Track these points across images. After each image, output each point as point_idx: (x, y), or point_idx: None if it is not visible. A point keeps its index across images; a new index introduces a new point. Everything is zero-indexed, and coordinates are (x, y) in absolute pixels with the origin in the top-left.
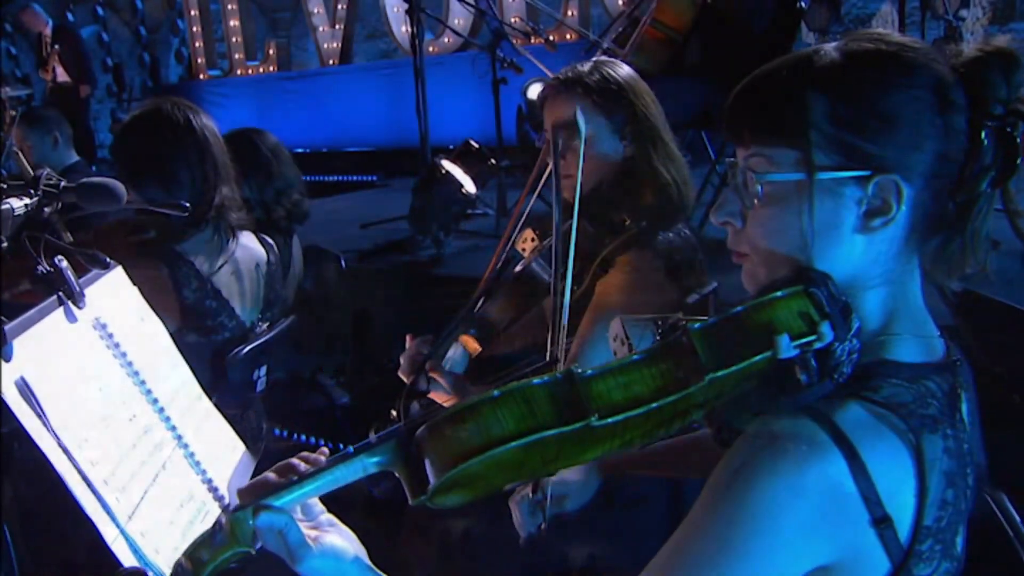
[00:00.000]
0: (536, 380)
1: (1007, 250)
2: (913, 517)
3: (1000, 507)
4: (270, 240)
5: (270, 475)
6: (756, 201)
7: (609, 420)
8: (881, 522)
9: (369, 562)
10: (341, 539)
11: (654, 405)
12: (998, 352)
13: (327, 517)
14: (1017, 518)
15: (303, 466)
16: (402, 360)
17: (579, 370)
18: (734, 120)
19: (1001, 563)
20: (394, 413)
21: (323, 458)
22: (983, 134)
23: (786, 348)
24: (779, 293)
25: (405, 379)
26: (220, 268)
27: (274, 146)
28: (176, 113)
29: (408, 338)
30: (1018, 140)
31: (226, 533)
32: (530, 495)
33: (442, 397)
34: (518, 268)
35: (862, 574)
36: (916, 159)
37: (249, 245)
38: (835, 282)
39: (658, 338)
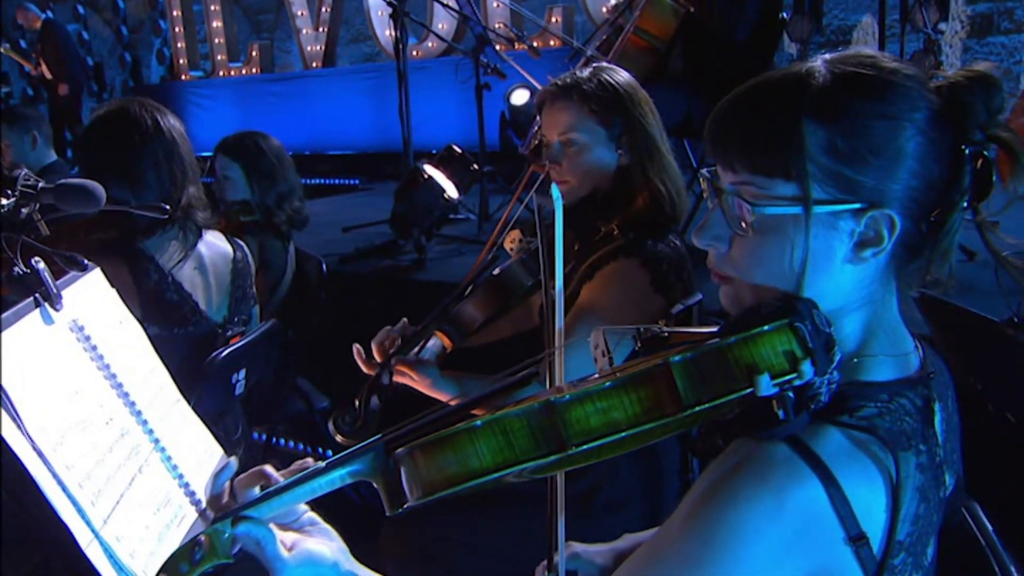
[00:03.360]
0: (515, 411)
1: (983, 260)
2: (886, 533)
3: (973, 517)
4: (240, 242)
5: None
6: (745, 227)
7: (585, 447)
8: (857, 540)
9: (352, 561)
10: (321, 544)
11: (630, 432)
12: (974, 364)
13: (309, 516)
14: (990, 528)
15: (275, 475)
16: (372, 345)
17: (556, 398)
18: (722, 145)
19: (974, 573)
20: (356, 403)
21: (308, 462)
22: (965, 160)
23: (766, 387)
24: (764, 328)
25: (363, 367)
26: (181, 263)
27: (278, 150)
28: (143, 114)
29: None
30: (993, 163)
31: (205, 549)
32: (546, 572)
33: (410, 382)
34: (496, 271)
35: None
36: (901, 188)
37: (215, 243)
38: (820, 312)
39: (638, 348)
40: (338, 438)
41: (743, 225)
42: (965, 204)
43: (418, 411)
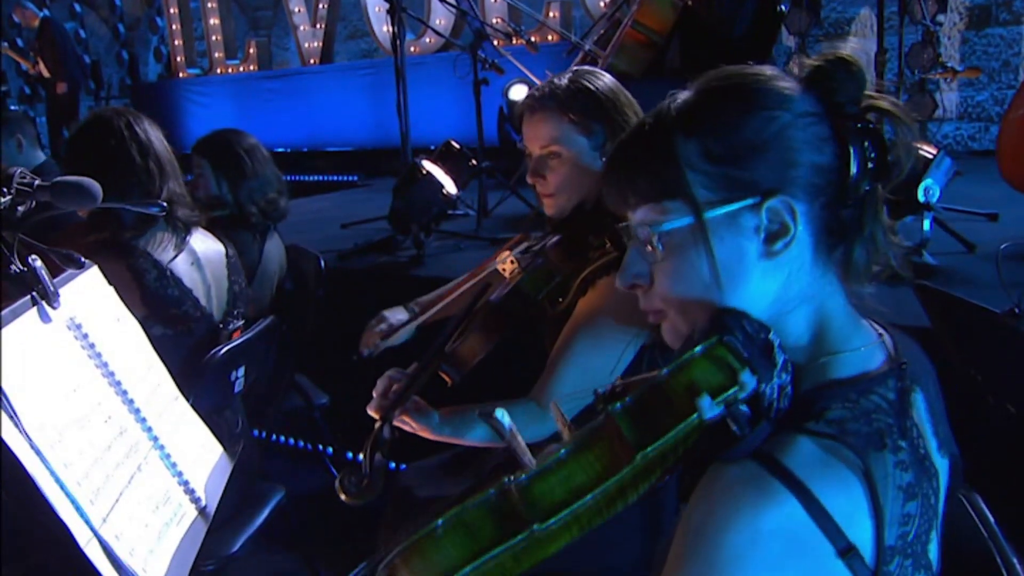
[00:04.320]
0: (472, 503)
1: (982, 253)
2: (874, 540)
3: (975, 508)
4: (224, 240)
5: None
6: (657, 254)
7: (552, 521)
8: (847, 552)
9: None
10: None
11: (596, 492)
12: (974, 355)
13: None
14: (992, 519)
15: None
16: (374, 395)
17: (511, 481)
18: (614, 189)
19: (977, 564)
20: (361, 459)
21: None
22: (846, 135)
23: (708, 408)
24: (695, 351)
25: (374, 413)
26: (177, 257)
27: (250, 146)
28: (116, 120)
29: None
30: (885, 134)
31: None
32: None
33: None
34: (493, 296)
35: None
36: (795, 175)
37: (206, 240)
38: (751, 319)
39: (598, 408)
40: (344, 498)
41: (652, 252)
42: (871, 183)
43: (423, 455)
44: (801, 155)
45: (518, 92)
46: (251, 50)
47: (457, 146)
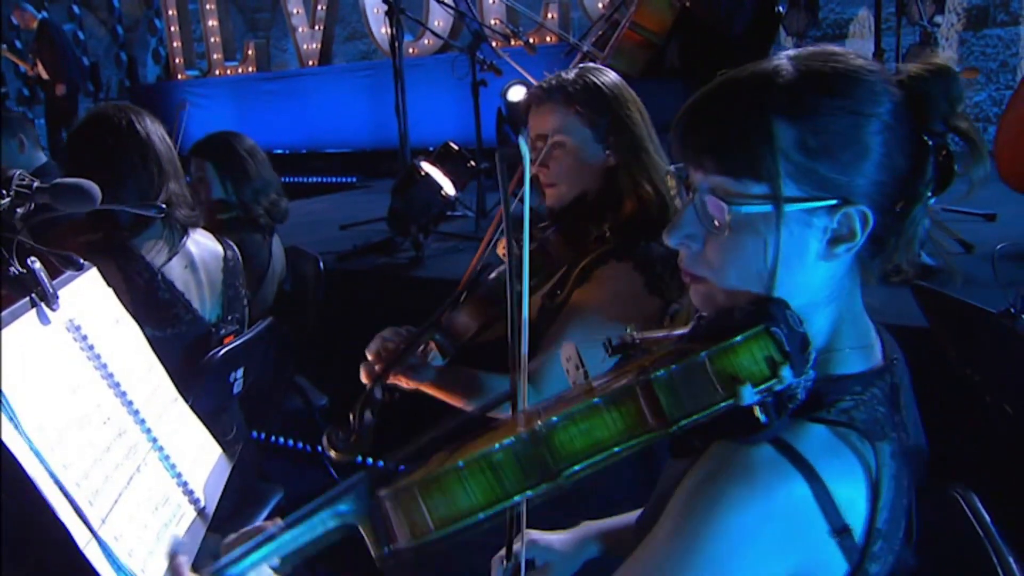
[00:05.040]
0: (498, 444)
1: (980, 253)
2: (867, 522)
3: (971, 508)
4: (228, 240)
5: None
6: (719, 226)
7: (574, 469)
8: (841, 532)
9: None
10: None
11: (616, 449)
12: (971, 355)
13: None
14: (988, 518)
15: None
16: (367, 352)
17: (540, 425)
18: (693, 144)
19: (973, 563)
20: (351, 418)
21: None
22: (927, 151)
23: (749, 397)
24: (739, 338)
25: (366, 379)
26: (170, 261)
27: (250, 148)
28: (118, 117)
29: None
30: (954, 154)
31: None
32: (504, 562)
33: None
34: (492, 275)
35: None
36: (878, 184)
37: (204, 242)
38: (792, 312)
39: (608, 356)
40: (332, 454)
41: (717, 224)
42: (929, 195)
43: (414, 425)
44: (881, 164)
45: (516, 93)
46: (250, 52)
47: (455, 147)
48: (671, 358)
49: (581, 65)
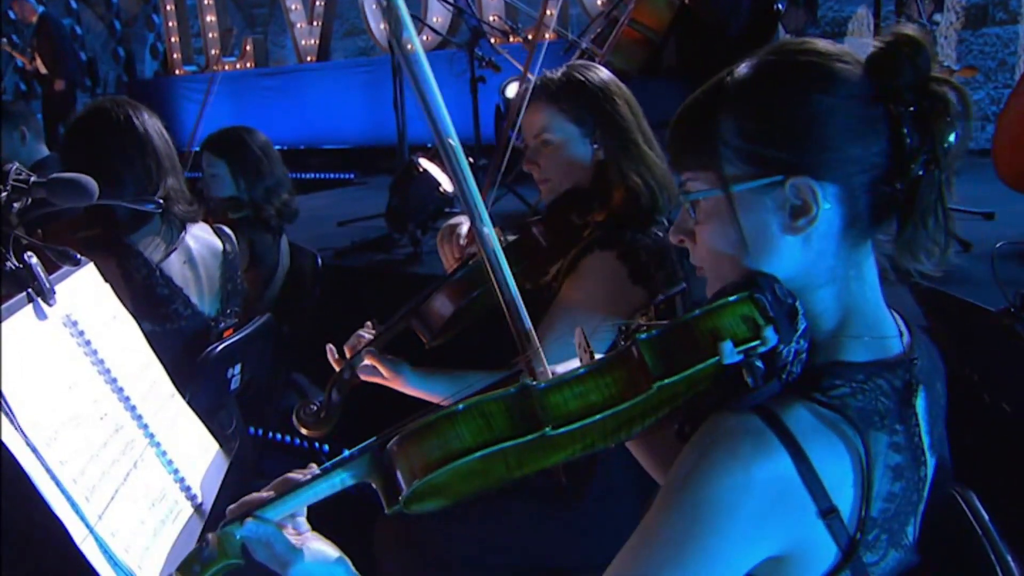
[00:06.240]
0: (492, 395)
1: (978, 252)
2: (857, 509)
3: (970, 506)
4: (227, 231)
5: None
6: (697, 216)
7: (564, 429)
8: (828, 513)
9: (353, 568)
10: (326, 544)
11: (608, 412)
12: (969, 354)
13: (312, 534)
14: (987, 517)
15: (298, 477)
16: (344, 347)
17: (534, 383)
18: (670, 149)
19: (971, 562)
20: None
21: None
22: (900, 121)
23: (729, 354)
24: (726, 300)
25: (334, 364)
26: (169, 256)
27: (264, 144)
28: (116, 111)
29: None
30: (946, 119)
31: (213, 547)
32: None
33: (381, 380)
34: (470, 264)
35: (812, 562)
36: (828, 157)
37: (203, 236)
38: (782, 284)
39: (622, 343)
40: (301, 430)
41: (693, 219)
42: (924, 168)
43: (381, 405)
44: (839, 139)
45: (515, 90)
46: (248, 47)
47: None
48: (661, 325)
49: (571, 62)
